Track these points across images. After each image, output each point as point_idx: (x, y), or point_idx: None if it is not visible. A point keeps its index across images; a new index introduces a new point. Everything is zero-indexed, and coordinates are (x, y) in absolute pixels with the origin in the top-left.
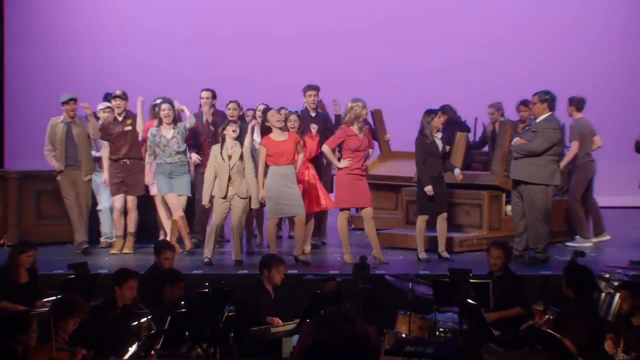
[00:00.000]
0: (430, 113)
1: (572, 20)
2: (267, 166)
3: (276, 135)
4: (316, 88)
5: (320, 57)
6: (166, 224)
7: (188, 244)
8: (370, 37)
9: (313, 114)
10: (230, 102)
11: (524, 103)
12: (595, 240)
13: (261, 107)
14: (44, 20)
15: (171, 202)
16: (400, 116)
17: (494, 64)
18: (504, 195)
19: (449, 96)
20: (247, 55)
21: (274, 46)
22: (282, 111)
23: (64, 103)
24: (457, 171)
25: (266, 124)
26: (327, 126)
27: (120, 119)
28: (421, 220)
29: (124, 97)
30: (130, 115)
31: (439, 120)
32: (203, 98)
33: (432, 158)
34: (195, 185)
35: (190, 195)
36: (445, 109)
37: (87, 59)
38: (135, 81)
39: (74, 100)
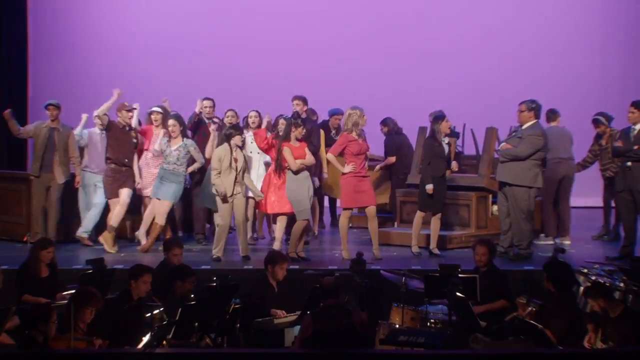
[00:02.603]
0: (437, 119)
1: (551, 33)
2: (285, 169)
3: (294, 143)
4: (301, 98)
5: (318, 64)
6: (145, 224)
7: (145, 247)
8: (366, 48)
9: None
10: (229, 110)
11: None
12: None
13: (253, 113)
14: (66, 31)
15: (155, 207)
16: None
17: (483, 71)
18: (490, 196)
19: (441, 102)
20: (251, 65)
21: (274, 54)
22: (281, 120)
23: (45, 107)
24: (453, 163)
25: (294, 134)
26: (311, 132)
27: (127, 128)
28: (419, 216)
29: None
30: (133, 129)
31: (446, 125)
32: (206, 107)
33: (438, 159)
34: (193, 187)
35: (173, 202)
36: (387, 121)
37: (105, 69)
38: (150, 91)
39: (53, 105)
